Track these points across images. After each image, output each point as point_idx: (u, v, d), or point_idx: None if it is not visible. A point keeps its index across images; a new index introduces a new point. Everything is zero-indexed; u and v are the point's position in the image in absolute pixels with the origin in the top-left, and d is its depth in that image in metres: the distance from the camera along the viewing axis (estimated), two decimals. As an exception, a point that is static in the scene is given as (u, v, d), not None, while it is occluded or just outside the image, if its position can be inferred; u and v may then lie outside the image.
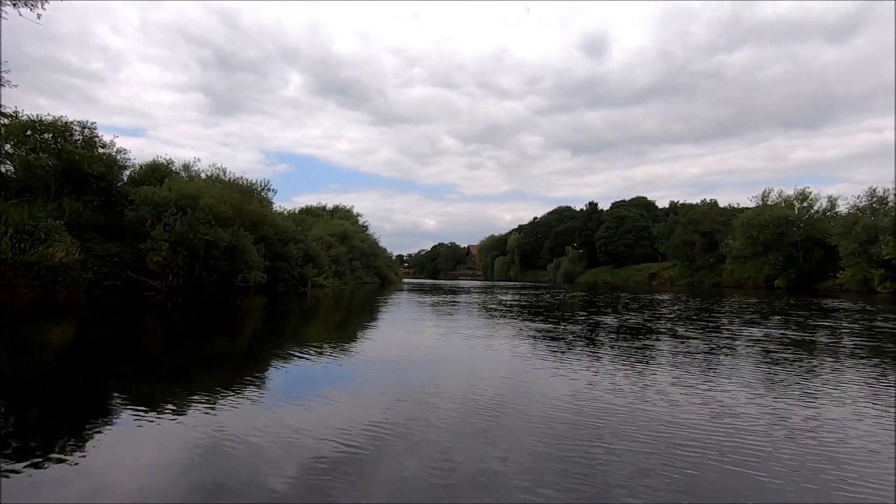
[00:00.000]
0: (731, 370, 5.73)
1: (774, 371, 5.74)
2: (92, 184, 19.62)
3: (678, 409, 4.04)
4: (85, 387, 4.83)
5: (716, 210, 54.24)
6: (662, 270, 61.32)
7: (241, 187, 24.73)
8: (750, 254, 40.69)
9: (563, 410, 3.98)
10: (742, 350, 7.39)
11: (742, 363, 6.24)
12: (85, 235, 17.32)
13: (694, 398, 4.39)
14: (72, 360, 6.38)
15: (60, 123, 19.83)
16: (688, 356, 6.70)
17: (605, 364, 6.07)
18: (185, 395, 4.46)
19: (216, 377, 5.43)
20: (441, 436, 3.32)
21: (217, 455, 2.93)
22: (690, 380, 5.16)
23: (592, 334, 9.33)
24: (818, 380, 5.29)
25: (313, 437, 3.23)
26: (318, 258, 28.16)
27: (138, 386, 4.93)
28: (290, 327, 11.35)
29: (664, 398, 4.38)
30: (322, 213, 53.28)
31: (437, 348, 7.59)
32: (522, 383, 5.05)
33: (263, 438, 3.19)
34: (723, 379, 5.23)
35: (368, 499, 2.38)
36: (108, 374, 5.52)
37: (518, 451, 3.04)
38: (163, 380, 5.29)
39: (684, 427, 3.54)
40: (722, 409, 4.03)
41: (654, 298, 22.72)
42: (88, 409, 4.08)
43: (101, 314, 11.86)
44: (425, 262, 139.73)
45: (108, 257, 16.62)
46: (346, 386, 4.95)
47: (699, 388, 4.81)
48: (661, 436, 3.34)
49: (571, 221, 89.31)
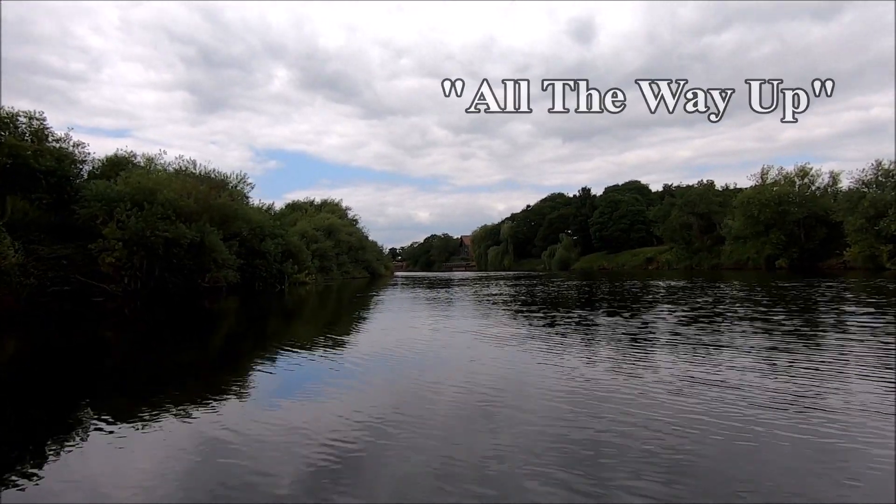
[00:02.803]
0: (737, 357, 5.39)
1: (784, 357, 5.35)
2: (41, 180, 17.87)
3: (681, 400, 3.85)
4: (39, 402, 4.40)
5: (712, 191, 52.95)
6: (659, 254, 60.08)
7: (211, 180, 23.04)
8: (750, 234, 39.44)
9: (563, 403, 3.85)
10: (749, 335, 6.82)
11: (748, 349, 5.83)
12: (31, 237, 15.65)
13: (698, 388, 4.16)
14: (13, 377, 5.67)
15: (2, 115, 18.06)
16: (691, 343, 6.33)
17: (604, 354, 5.83)
18: (162, 405, 4.10)
19: (190, 385, 5.09)
20: (441, 431, 3.27)
21: (213, 459, 2.88)
22: (694, 369, 4.89)
23: (590, 324, 8.52)
24: (831, 363, 5.01)
25: (309, 438, 3.16)
26: (298, 254, 26.58)
27: (102, 399, 4.61)
28: (266, 329, 10.19)
29: (667, 389, 4.17)
30: (309, 207, 51.58)
31: (428, 344, 7.11)
32: (521, 376, 4.87)
33: (258, 441, 3.14)
34: (728, 367, 4.92)
35: (371, 498, 2.37)
36: (51, 395, 4.69)
37: (520, 445, 2.97)
38: (131, 392, 4.89)
39: (688, 419, 3.37)
40: (728, 400, 3.81)
41: (653, 283, 21.37)
42: (57, 423, 3.83)
43: (44, 324, 10.36)
44: (419, 255, 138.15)
45: (55, 260, 14.96)
46: (337, 385, 4.70)
47: (704, 376, 4.56)
48: (665, 428, 3.20)
49: (565, 208, 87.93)
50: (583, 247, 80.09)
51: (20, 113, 18.68)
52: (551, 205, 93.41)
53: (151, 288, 16.42)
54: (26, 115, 18.87)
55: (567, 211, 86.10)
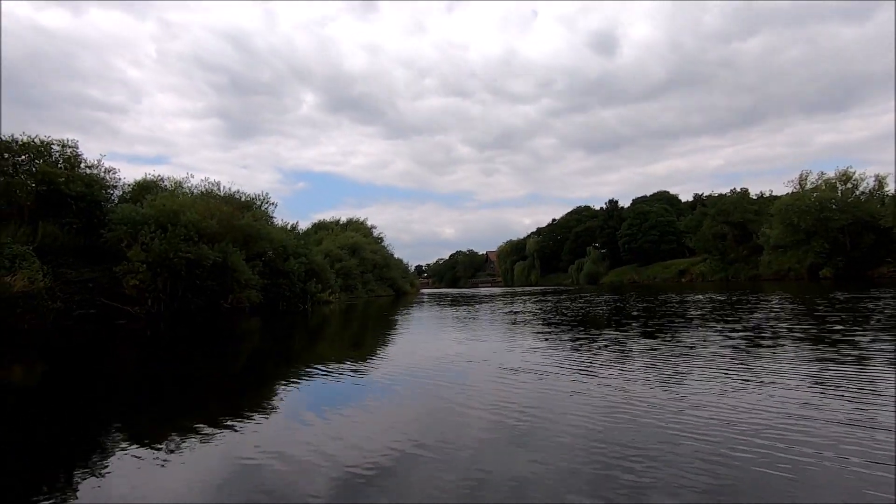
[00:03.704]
0: (786, 379, 4.89)
1: (836, 378, 4.86)
2: (71, 205, 18.31)
3: (721, 420, 3.62)
4: (67, 424, 4.45)
5: (747, 199, 50.90)
6: (692, 266, 57.89)
7: (235, 201, 23.28)
8: (790, 242, 37.48)
9: (599, 423, 3.67)
10: (799, 354, 6.23)
11: (798, 370, 5.24)
12: (60, 260, 15.93)
13: (753, 416, 3.73)
14: (42, 399, 5.60)
15: (37, 143, 18.69)
16: (745, 365, 5.78)
17: (642, 374, 5.42)
18: (189, 425, 4.13)
19: (217, 405, 5.08)
20: (471, 450, 3.21)
21: (242, 478, 2.90)
22: (749, 396, 4.38)
23: (626, 342, 8.03)
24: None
25: (337, 457, 3.14)
26: (322, 273, 26.48)
27: (130, 420, 4.63)
28: (291, 348, 10.23)
29: (707, 408, 3.93)
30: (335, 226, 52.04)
31: (455, 363, 6.91)
32: (553, 395, 4.64)
33: (287, 460, 3.13)
34: (776, 389, 4.48)
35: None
36: (82, 415, 4.84)
37: (552, 466, 2.86)
38: (159, 412, 4.89)
39: (735, 448, 3.06)
40: (772, 420, 3.56)
41: (692, 297, 20.26)
42: (86, 444, 3.88)
43: (70, 346, 10.40)
44: (444, 272, 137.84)
45: (82, 283, 15.13)
46: (364, 403, 4.73)
47: (761, 403, 4.07)
48: (703, 448, 3.05)
49: (591, 221, 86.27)
50: (611, 260, 78.13)
51: (53, 141, 19.33)
52: (577, 218, 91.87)
53: (175, 310, 16.42)
54: (59, 143, 19.50)
55: (594, 224, 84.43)
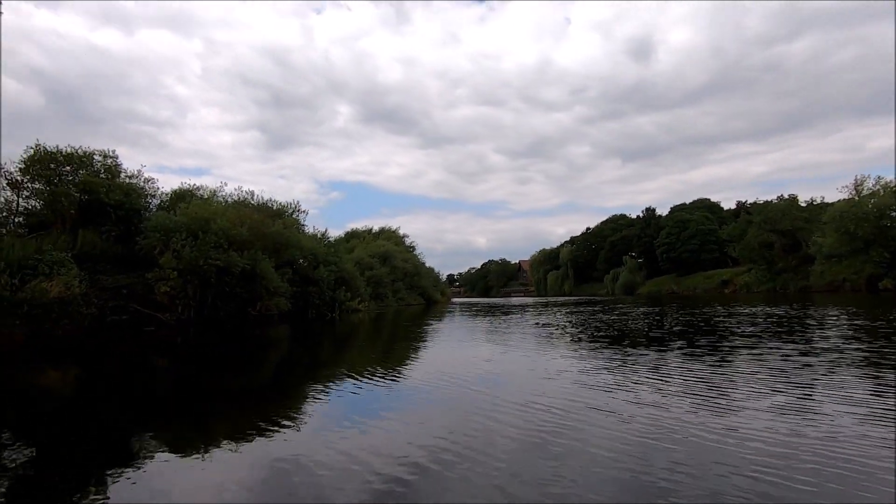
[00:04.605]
0: (838, 399, 4.49)
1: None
2: (110, 213, 18.82)
3: (761, 438, 3.38)
4: (111, 433, 4.47)
5: (796, 206, 48.11)
6: (736, 276, 55.09)
7: (268, 210, 23.50)
8: (846, 252, 35.01)
9: (633, 438, 3.51)
10: (880, 380, 5.47)
11: (875, 400, 4.54)
12: (97, 267, 16.29)
13: (781, 425, 3.67)
14: (79, 404, 5.83)
15: (80, 154, 19.35)
16: (780, 378, 5.55)
17: (682, 391, 5.12)
18: (222, 432, 4.25)
19: (249, 412, 5.04)
20: (502, 462, 3.14)
21: (275, 485, 2.90)
22: (778, 405, 4.28)
23: (668, 357, 7.57)
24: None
25: (370, 464, 3.14)
26: (352, 281, 26.40)
27: (164, 426, 4.64)
28: (321, 356, 10.23)
29: (748, 426, 3.72)
30: (367, 235, 52.43)
31: (486, 373, 6.87)
32: (586, 409, 4.48)
33: (320, 466, 3.13)
34: (823, 409, 4.18)
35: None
36: (118, 419, 4.96)
37: (585, 480, 2.80)
38: (192, 418, 4.96)
39: (769, 457, 3.00)
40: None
41: (738, 309, 18.96)
42: (121, 449, 3.90)
43: (103, 352, 10.64)
44: (476, 280, 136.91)
45: (116, 290, 15.39)
46: (395, 411, 4.70)
47: (788, 414, 4.00)
48: (742, 466, 2.89)
49: (627, 229, 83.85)
50: (649, 270, 75.54)
51: (95, 152, 19.99)
52: (613, 226, 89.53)
53: (205, 316, 16.51)
54: (101, 153, 20.17)
55: (630, 232, 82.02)
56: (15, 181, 18.38)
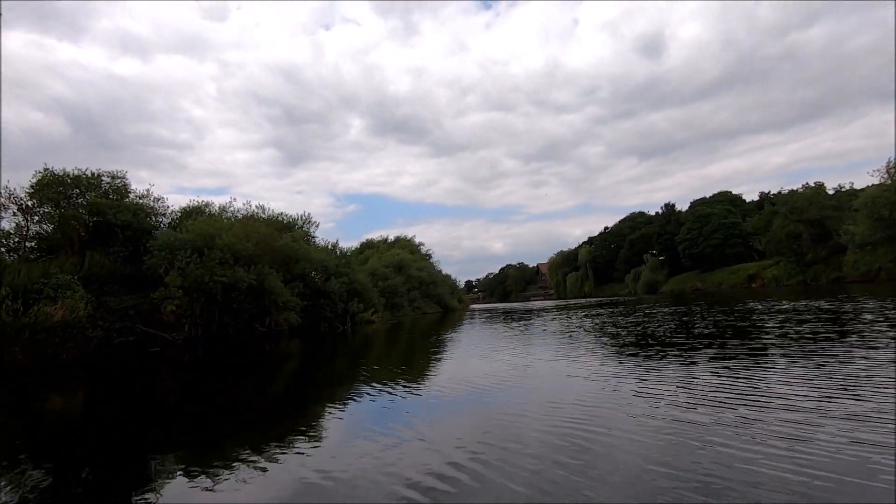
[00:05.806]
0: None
1: None
2: (118, 234, 18.76)
3: (794, 446, 3.18)
4: (115, 450, 4.51)
5: (823, 194, 46.16)
6: (763, 270, 53.09)
7: (277, 223, 23.28)
8: (880, 239, 33.21)
9: (660, 444, 3.44)
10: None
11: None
12: (104, 288, 16.15)
13: (833, 444, 3.18)
14: (90, 426, 5.80)
15: (88, 175, 19.38)
16: (818, 380, 5.12)
17: (706, 390, 5.00)
18: (243, 447, 4.16)
19: (270, 426, 5.11)
20: (529, 471, 3.11)
21: (303, 498, 2.95)
22: (812, 410, 3.92)
23: (702, 362, 6.97)
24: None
25: (397, 474, 3.16)
26: (365, 292, 25.96)
27: (183, 445, 4.63)
28: (335, 369, 10.20)
29: (778, 432, 3.47)
30: (382, 245, 52.23)
31: (509, 382, 6.62)
32: (612, 414, 4.35)
33: (347, 478, 3.16)
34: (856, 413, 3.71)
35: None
36: (135, 440, 4.92)
37: (613, 485, 2.80)
38: (212, 437, 4.91)
39: (800, 466, 2.85)
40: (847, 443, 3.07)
41: (774, 304, 17.88)
42: (138, 468, 3.89)
43: (110, 373, 10.52)
44: (494, 286, 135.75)
45: (123, 311, 15.18)
46: (419, 421, 4.66)
47: (821, 419, 3.62)
48: (775, 474, 2.75)
49: (647, 227, 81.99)
50: (671, 267, 73.58)
51: (103, 173, 20.02)
52: (631, 225, 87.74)
53: (212, 334, 16.19)
54: (108, 174, 20.20)
55: (650, 230, 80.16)
56: (25, 206, 18.48)
